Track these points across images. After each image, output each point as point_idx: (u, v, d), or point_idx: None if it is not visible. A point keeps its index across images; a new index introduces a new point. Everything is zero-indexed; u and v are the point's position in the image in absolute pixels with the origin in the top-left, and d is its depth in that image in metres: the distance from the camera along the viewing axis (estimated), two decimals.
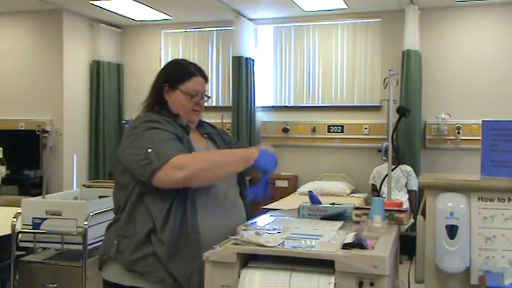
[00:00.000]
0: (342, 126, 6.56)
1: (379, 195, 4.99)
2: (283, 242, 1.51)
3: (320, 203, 1.98)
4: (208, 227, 1.80)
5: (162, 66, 2.07)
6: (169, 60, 2.17)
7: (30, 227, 3.15)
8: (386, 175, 2.57)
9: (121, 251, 1.81)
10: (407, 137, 6.00)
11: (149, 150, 1.74)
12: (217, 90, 7.12)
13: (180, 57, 6.44)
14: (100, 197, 3.45)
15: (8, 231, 3.18)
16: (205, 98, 2.01)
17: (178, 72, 1.98)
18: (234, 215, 1.91)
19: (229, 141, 2.10)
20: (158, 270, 1.76)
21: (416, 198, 5.65)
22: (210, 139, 2.05)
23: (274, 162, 1.89)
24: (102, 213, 3.15)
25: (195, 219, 1.79)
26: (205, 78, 2.02)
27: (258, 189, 1.89)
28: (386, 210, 1.78)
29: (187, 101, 1.94)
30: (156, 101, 1.96)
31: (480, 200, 1.68)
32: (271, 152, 1.90)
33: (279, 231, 1.63)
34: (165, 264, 1.74)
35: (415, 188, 5.65)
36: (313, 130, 6.65)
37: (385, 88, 2.88)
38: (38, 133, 6.23)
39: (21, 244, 3.24)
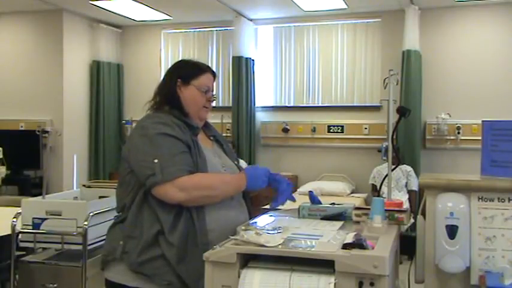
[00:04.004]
0: (342, 126, 6.56)
1: (379, 195, 4.98)
2: (283, 242, 1.51)
3: (320, 203, 1.98)
4: (216, 230, 1.79)
5: (164, 67, 2.09)
6: (170, 60, 2.19)
7: (30, 227, 3.15)
8: (387, 175, 2.57)
9: (127, 252, 1.79)
10: (407, 137, 6.00)
11: (155, 160, 1.75)
12: (217, 90, 7.11)
13: (180, 58, 6.45)
14: (100, 197, 3.45)
15: (8, 231, 3.18)
16: (213, 97, 2.03)
17: (191, 68, 2.00)
18: (240, 216, 1.91)
19: (230, 152, 2.11)
20: (166, 273, 1.75)
21: (416, 198, 5.65)
22: (216, 141, 2.07)
23: (262, 179, 1.89)
24: (102, 213, 3.15)
25: (203, 221, 1.79)
26: (214, 76, 2.05)
27: (281, 198, 1.92)
28: (386, 210, 1.78)
29: (200, 96, 1.96)
30: (167, 98, 1.95)
31: (480, 200, 1.68)
32: (259, 169, 1.92)
33: (279, 231, 1.63)
34: (174, 267, 1.73)
35: (415, 188, 5.65)
36: (313, 130, 6.65)
37: (385, 88, 2.88)
38: (38, 133, 6.24)
39: (21, 244, 3.24)
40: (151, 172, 1.74)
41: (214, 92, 2.04)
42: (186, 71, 1.99)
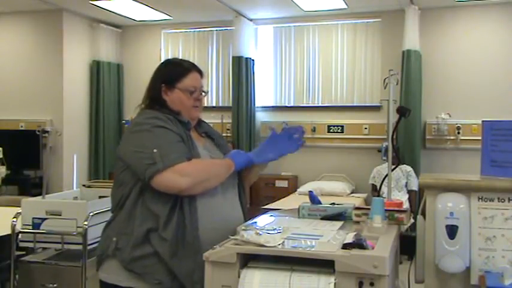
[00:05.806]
0: (342, 126, 6.56)
1: (379, 195, 4.99)
2: (283, 242, 1.51)
3: (320, 203, 1.98)
4: (208, 227, 1.80)
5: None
6: None
7: (30, 227, 3.14)
8: (387, 175, 2.57)
9: (120, 248, 1.80)
10: (407, 137, 6.00)
11: (155, 150, 1.74)
12: (217, 90, 7.12)
13: (180, 58, 6.44)
14: (100, 197, 3.44)
15: (8, 231, 3.18)
16: (203, 94, 2.01)
17: (174, 71, 1.97)
18: (232, 215, 1.91)
19: (223, 146, 2.09)
20: (157, 271, 1.75)
21: (416, 198, 5.65)
22: (207, 137, 2.06)
23: (246, 153, 1.96)
24: (102, 213, 3.14)
25: (194, 217, 1.79)
26: (201, 73, 2.02)
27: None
28: (386, 210, 1.78)
29: (187, 98, 1.94)
30: (155, 101, 1.95)
31: (480, 200, 1.68)
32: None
33: (279, 231, 1.63)
34: (167, 262, 1.73)
35: (415, 188, 5.65)
36: (313, 130, 6.64)
37: (385, 88, 2.88)
38: (38, 133, 6.24)
39: (21, 244, 3.23)
40: (152, 161, 1.73)
41: (204, 88, 2.01)
42: (169, 75, 1.96)
